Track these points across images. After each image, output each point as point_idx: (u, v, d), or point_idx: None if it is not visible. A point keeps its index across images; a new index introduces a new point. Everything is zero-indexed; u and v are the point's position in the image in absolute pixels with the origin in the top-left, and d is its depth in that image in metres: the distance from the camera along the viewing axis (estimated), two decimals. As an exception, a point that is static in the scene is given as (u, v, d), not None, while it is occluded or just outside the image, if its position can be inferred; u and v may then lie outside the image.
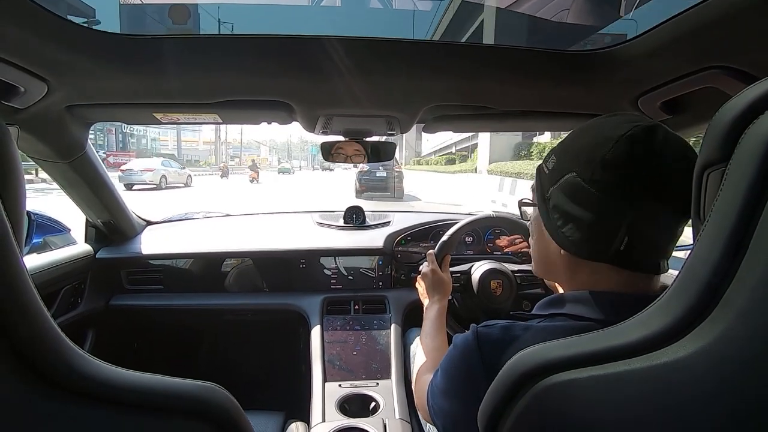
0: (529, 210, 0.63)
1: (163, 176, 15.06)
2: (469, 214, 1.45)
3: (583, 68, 0.79)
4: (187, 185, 16.55)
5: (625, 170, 0.46)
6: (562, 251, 0.54)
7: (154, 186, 14.48)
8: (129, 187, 14.05)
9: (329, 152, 1.14)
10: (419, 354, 0.89)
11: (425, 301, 1.01)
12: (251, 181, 18.86)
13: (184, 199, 11.18)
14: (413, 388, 0.82)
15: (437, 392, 0.57)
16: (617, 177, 0.46)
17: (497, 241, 1.61)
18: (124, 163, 16.76)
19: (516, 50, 0.78)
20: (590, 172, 0.48)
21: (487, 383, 0.42)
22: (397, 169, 12.56)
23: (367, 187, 12.26)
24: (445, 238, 1.11)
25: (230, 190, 14.99)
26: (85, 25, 0.67)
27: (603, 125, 0.50)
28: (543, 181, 0.55)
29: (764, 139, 0.25)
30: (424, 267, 1.05)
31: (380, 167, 12.00)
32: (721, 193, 0.28)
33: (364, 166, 11.26)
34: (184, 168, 18.74)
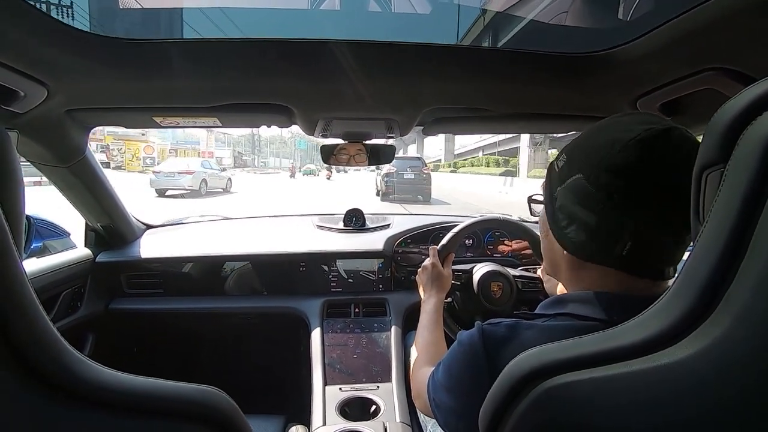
0: (539, 207, 0.63)
1: (204, 180, 12.66)
2: (468, 217, 1.45)
3: (582, 70, 0.79)
4: (226, 190, 14.13)
5: (630, 176, 0.45)
6: (565, 252, 0.53)
7: (186, 192, 12.02)
8: (162, 193, 11.72)
9: (330, 155, 1.15)
10: (417, 346, 0.89)
11: (423, 295, 1.01)
12: (328, 179, 22.49)
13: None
14: (411, 379, 0.82)
15: (439, 387, 0.57)
16: (621, 183, 0.45)
17: (498, 245, 1.61)
18: None
19: (515, 53, 0.78)
20: (596, 175, 0.47)
21: (491, 381, 0.41)
22: (426, 171, 11.98)
23: (393, 189, 11.60)
24: (450, 234, 1.11)
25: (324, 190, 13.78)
26: (85, 29, 0.67)
27: (614, 126, 0.49)
28: (552, 179, 0.55)
29: (762, 139, 0.25)
30: (426, 261, 1.05)
31: (408, 168, 11.48)
32: (720, 193, 0.28)
33: (391, 168, 10.77)
34: (224, 170, 16.50)
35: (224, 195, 13.25)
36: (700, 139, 0.33)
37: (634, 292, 0.48)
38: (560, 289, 0.87)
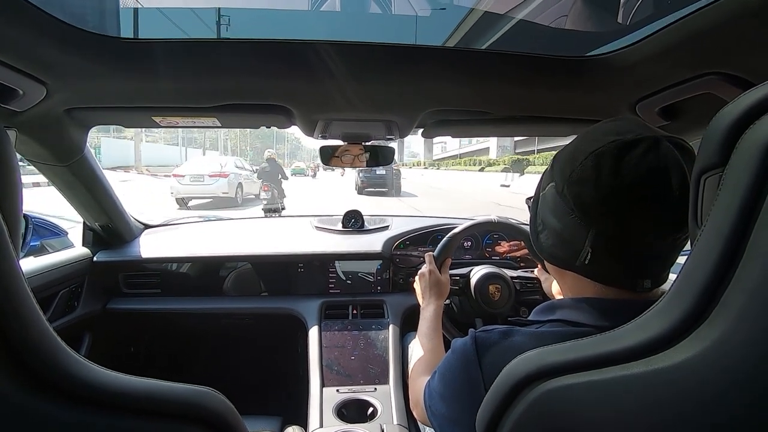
0: None
1: (240, 184, 9.94)
2: (467, 218, 1.45)
3: (581, 74, 0.79)
4: (258, 197, 10.06)
5: (586, 189, 0.46)
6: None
7: (210, 200, 9.47)
8: (184, 204, 9.12)
9: (329, 156, 1.15)
10: (415, 353, 0.89)
11: (422, 302, 1.01)
12: (341, 175, 22.47)
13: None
14: (409, 387, 0.82)
15: (435, 395, 0.57)
16: (580, 194, 0.46)
17: (497, 247, 1.61)
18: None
19: (514, 55, 0.78)
20: (562, 185, 0.48)
21: (486, 388, 0.42)
22: (396, 168, 13.61)
23: (367, 184, 13.14)
24: (445, 240, 1.11)
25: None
26: (85, 28, 0.67)
27: (589, 135, 0.49)
28: (541, 183, 0.56)
29: (761, 143, 0.25)
30: (423, 267, 1.05)
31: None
32: (718, 197, 0.28)
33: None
34: (255, 172, 12.54)
35: (259, 203, 10.35)
36: (696, 144, 0.33)
37: (621, 299, 0.48)
38: (557, 289, 0.87)
